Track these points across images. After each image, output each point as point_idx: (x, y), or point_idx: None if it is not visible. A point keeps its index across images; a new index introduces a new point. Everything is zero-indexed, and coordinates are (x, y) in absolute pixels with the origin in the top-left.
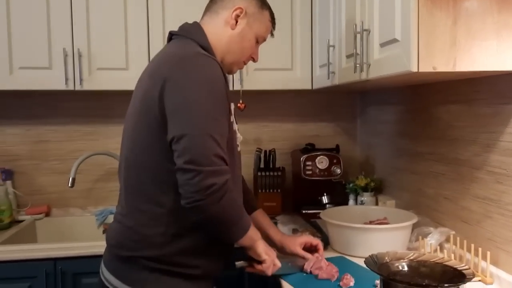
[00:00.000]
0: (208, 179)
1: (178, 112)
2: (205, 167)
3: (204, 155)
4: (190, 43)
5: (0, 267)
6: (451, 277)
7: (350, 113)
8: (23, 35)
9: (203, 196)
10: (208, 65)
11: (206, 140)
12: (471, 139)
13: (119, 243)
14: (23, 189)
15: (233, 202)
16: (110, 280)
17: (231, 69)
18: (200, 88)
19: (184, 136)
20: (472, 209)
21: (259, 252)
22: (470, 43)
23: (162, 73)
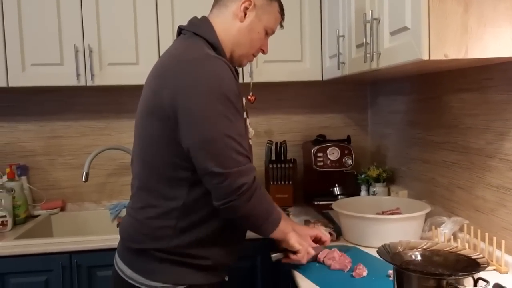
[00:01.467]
0: (237, 180)
1: (194, 117)
2: (232, 168)
3: (228, 157)
4: (198, 41)
5: (17, 261)
6: (465, 266)
7: (360, 103)
8: (34, 32)
9: (236, 196)
10: (217, 68)
11: (226, 141)
12: (484, 127)
13: (130, 236)
14: (38, 184)
15: (263, 197)
16: (123, 270)
17: (241, 62)
18: (212, 92)
19: (204, 141)
20: (486, 198)
21: (292, 244)
22: (482, 30)
23: (170, 76)
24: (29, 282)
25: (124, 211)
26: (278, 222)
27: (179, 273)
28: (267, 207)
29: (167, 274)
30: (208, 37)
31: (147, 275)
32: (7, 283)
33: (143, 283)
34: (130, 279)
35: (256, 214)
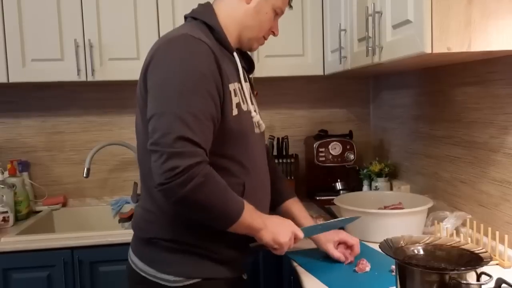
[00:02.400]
0: (169, 161)
1: (151, 92)
2: (167, 148)
3: (166, 135)
4: (193, 25)
5: (20, 256)
6: (468, 261)
7: (363, 98)
8: (34, 28)
9: (166, 179)
10: (189, 46)
11: (171, 120)
12: (488, 121)
13: (137, 224)
14: (40, 180)
15: (208, 186)
16: (135, 262)
17: (251, 46)
18: (174, 67)
19: (153, 116)
20: (490, 193)
21: (265, 243)
22: (486, 22)
23: (149, 56)
24: (31, 278)
25: (126, 206)
26: (234, 216)
27: (192, 265)
28: (212, 198)
29: (179, 266)
30: (207, 20)
31: (158, 267)
32: (9, 279)
33: (154, 275)
34: (142, 272)
35: (196, 204)
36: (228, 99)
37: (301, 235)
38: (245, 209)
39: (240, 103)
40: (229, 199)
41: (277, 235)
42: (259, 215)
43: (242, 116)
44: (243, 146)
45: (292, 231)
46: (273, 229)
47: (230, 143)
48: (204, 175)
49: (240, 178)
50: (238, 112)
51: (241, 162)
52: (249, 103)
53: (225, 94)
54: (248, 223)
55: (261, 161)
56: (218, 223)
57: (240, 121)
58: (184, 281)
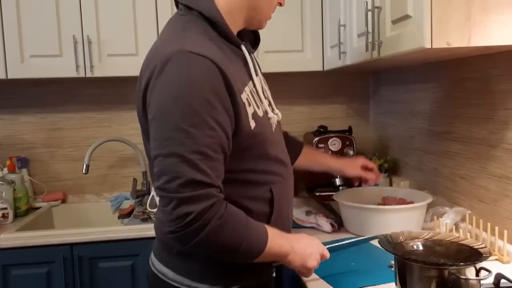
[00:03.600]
0: (181, 207)
1: (152, 124)
2: (176, 193)
3: (173, 180)
4: (187, 24)
5: (19, 252)
6: (467, 256)
7: (362, 93)
8: (32, 24)
9: (179, 227)
10: (190, 67)
11: (174, 162)
12: (488, 117)
13: (165, 242)
14: (39, 176)
15: (222, 230)
16: (165, 273)
17: (260, 25)
18: (174, 97)
19: (157, 157)
20: (489, 188)
21: (294, 269)
22: (486, 17)
23: (146, 78)
24: (31, 274)
25: (125, 203)
26: (259, 249)
27: (229, 274)
28: (231, 239)
29: (215, 275)
30: (204, 10)
31: (192, 277)
32: (9, 275)
33: (189, 285)
34: (173, 281)
35: (213, 249)
36: (244, 113)
37: (327, 255)
38: (270, 238)
39: (255, 112)
40: (251, 233)
41: (306, 259)
42: (287, 239)
43: (260, 124)
44: (265, 153)
45: (320, 253)
46: (301, 252)
47: (252, 156)
48: (220, 217)
49: (266, 185)
50: (255, 123)
51: (266, 170)
52: (264, 101)
53: (239, 110)
54: (275, 251)
55: (283, 156)
56: (243, 259)
57: (258, 131)
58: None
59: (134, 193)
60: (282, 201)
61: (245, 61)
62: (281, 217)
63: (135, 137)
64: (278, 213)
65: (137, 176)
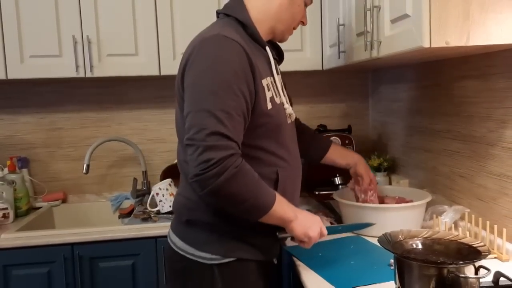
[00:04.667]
0: (204, 153)
1: (187, 91)
2: (201, 142)
3: (200, 131)
4: (226, 22)
5: (20, 252)
6: (466, 254)
7: (361, 92)
8: (32, 24)
9: (200, 170)
10: (222, 45)
11: (205, 117)
12: (486, 115)
13: (178, 210)
14: (39, 176)
15: (237, 178)
16: (175, 242)
17: (283, 37)
18: (207, 67)
19: (188, 114)
20: (488, 186)
21: (295, 235)
22: (484, 16)
23: (186, 56)
24: (32, 274)
25: (126, 202)
26: (266, 207)
27: (228, 246)
28: (244, 188)
29: (216, 246)
30: (239, 16)
31: (197, 246)
32: (9, 275)
33: (193, 254)
34: (181, 250)
35: (227, 194)
36: (262, 94)
37: (326, 232)
38: (277, 201)
39: (273, 97)
40: (261, 191)
41: (308, 229)
42: (291, 208)
43: (276, 108)
44: (277, 137)
45: (320, 227)
46: (304, 222)
47: (265, 135)
48: (236, 167)
49: (273, 167)
50: (272, 106)
51: (274, 152)
52: (282, 95)
53: (259, 90)
54: (279, 214)
55: (294, 148)
56: (250, 213)
57: (274, 114)
58: (220, 259)
59: (134, 193)
60: (286, 185)
61: (268, 61)
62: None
63: (135, 137)
64: (281, 195)
65: (137, 176)
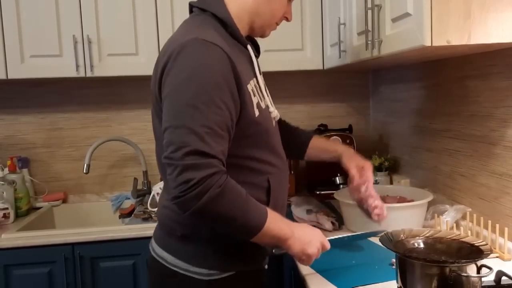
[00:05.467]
0: (184, 173)
1: (165, 102)
2: (181, 161)
3: (179, 149)
4: (203, 21)
5: (20, 252)
6: (468, 253)
7: (362, 92)
8: (32, 24)
9: (180, 192)
10: (203, 52)
11: (184, 134)
12: (488, 114)
13: (165, 223)
14: (40, 176)
15: (226, 197)
16: (165, 257)
17: (264, 33)
18: (187, 78)
19: (166, 129)
20: (489, 186)
21: (293, 254)
22: (485, 15)
23: (161, 63)
24: (32, 274)
25: (126, 202)
26: (257, 226)
27: (226, 259)
28: (230, 209)
29: (213, 260)
30: (217, 12)
31: (191, 261)
32: (10, 275)
33: (187, 269)
34: (173, 266)
35: (212, 216)
36: (249, 101)
37: (328, 246)
38: (269, 218)
39: (259, 102)
40: (250, 208)
41: (306, 246)
42: (287, 223)
43: (263, 114)
44: (265, 143)
45: (321, 242)
46: (302, 238)
47: (254, 143)
48: (220, 186)
49: (264, 175)
50: (259, 112)
51: (264, 160)
52: (266, 96)
53: (245, 98)
54: (274, 233)
55: (281, 151)
56: (241, 233)
57: (262, 121)
58: (219, 274)
59: (134, 193)
60: (278, 191)
61: (250, 60)
62: (277, 208)
63: (136, 137)
64: (274, 202)
65: (137, 176)
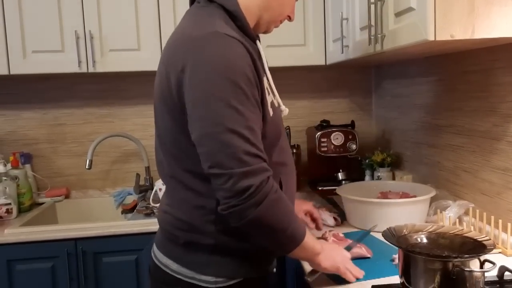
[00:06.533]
0: (241, 181)
1: (196, 107)
2: (234, 169)
3: (230, 155)
4: (211, 12)
5: (23, 248)
6: (471, 248)
7: (365, 88)
8: (34, 19)
9: (239, 201)
10: (225, 48)
11: (229, 137)
12: (491, 110)
13: (168, 230)
14: (42, 172)
15: (278, 205)
16: (168, 265)
17: (268, 28)
18: (217, 77)
19: (205, 136)
20: (492, 181)
21: (323, 268)
22: (489, 9)
23: (178, 60)
24: (35, 269)
25: (129, 198)
26: (300, 237)
27: (233, 266)
28: (284, 216)
29: (219, 267)
30: (226, 4)
31: (197, 269)
32: (13, 270)
33: (193, 277)
34: (177, 274)
35: (268, 224)
36: (265, 100)
37: (348, 255)
38: (307, 229)
39: (273, 101)
40: (295, 219)
41: (335, 259)
42: (315, 238)
43: (277, 113)
44: (278, 142)
45: (343, 251)
46: (330, 253)
47: (269, 145)
48: (276, 191)
49: (277, 176)
50: (273, 111)
51: (277, 161)
52: (276, 94)
53: (264, 94)
54: (311, 245)
55: (287, 147)
56: (285, 245)
57: (275, 121)
58: (226, 282)
59: (137, 188)
60: (288, 192)
61: (259, 55)
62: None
63: (138, 132)
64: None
65: (140, 171)
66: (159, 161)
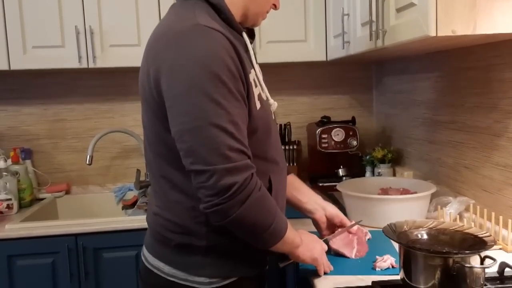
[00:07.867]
0: (224, 178)
1: (176, 101)
2: (218, 165)
3: (213, 151)
4: (194, 6)
5: (24, 243)
6: (471, 244)
7: (365, 84)
8: (34, 14)
9: (223, 199)
10: (208, 40)
11: (213, 132)
12: (492, 106)
13: (158, 232)
14: (43, 167)
15: (262, 202)
16: (160, 267)
17: (256, 21)
18: (198, 70)
19: (186, 131)
20: (493, 177)
21: (302, 260)
22: (491, 4)
23: (157, 52)
24: (36, 264)
25: (129, 194)
26: (282, 233)
27: (226, 266)
28: (267, 214)
29: (212, 267)
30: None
31: (190, 271)
32: (14, 265)
33: (185, 279)
34: (169, 276)
35: (251, 222)
36: (251, 93)
37: (325, 248)
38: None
39: (260, 94)
40: (278, 214)
41: (313, 251)
42: (295, 231)
43: (264, 107)
44: (266, 139)
45: (321, 244)
46: (308, 245)
47: (256, 140)
48: (259, 188)
49: (266, 174)
50: (260, 104)
51: (266, 157)
52: (264, 88)
53: (249, 87)
54: (291, 239)
55: (279, 145)
56: (267, 241)
57: (263, 114)
58: (220, 282)
59: (137, 184)
60: (278, 191)
61: (246, 48)
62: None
63: (138, 128)
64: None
65: (140, 167)
66: (148, 161)
